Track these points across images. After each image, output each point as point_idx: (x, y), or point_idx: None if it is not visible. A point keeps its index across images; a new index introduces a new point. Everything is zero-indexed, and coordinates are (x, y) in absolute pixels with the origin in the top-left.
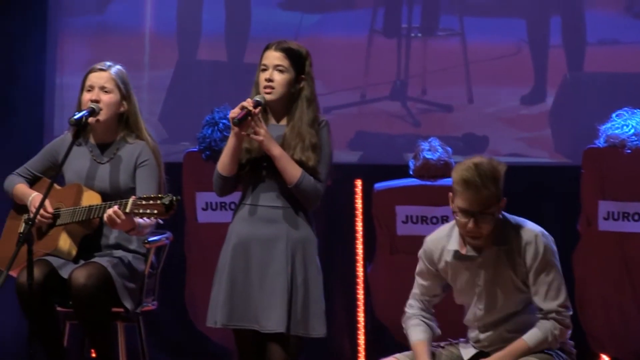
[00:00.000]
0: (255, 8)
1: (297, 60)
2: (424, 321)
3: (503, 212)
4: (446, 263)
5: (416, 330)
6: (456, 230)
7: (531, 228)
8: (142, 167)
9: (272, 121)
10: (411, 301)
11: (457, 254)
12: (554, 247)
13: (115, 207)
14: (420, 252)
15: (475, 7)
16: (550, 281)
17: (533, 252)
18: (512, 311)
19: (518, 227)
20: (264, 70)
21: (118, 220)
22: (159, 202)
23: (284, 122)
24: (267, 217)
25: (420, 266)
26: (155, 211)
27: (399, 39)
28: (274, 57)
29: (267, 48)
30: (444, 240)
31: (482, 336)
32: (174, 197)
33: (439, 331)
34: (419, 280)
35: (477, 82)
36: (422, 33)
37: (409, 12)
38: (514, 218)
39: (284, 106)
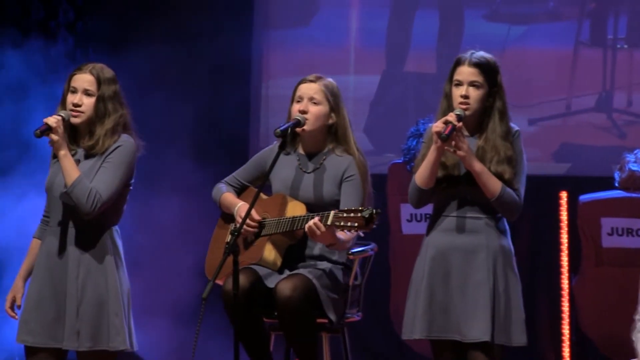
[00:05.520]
0: None
1: (490, 74)
2: None
3: None
4: None
5: None
6: None
7: None
8: (348, 182)
9: (465, 133)
10: None
11: None
12: None
13: (316, 219)
14: None
15: None
16: None
17: None
18: None
19: None
20: (458, 85)
21: (318, 232)
22: (359, 215)
23: (476, 134)
24: (467, 228)
25: None
26: (356, 224)
27: (605, 50)
28: (468, 73)
29: (459, 63)
30: None
31: None
32: (375, 210)
33: None
34: None
35: None
36: (627, 44)
37: (615, 23)
38: None
39: (476, 119)
